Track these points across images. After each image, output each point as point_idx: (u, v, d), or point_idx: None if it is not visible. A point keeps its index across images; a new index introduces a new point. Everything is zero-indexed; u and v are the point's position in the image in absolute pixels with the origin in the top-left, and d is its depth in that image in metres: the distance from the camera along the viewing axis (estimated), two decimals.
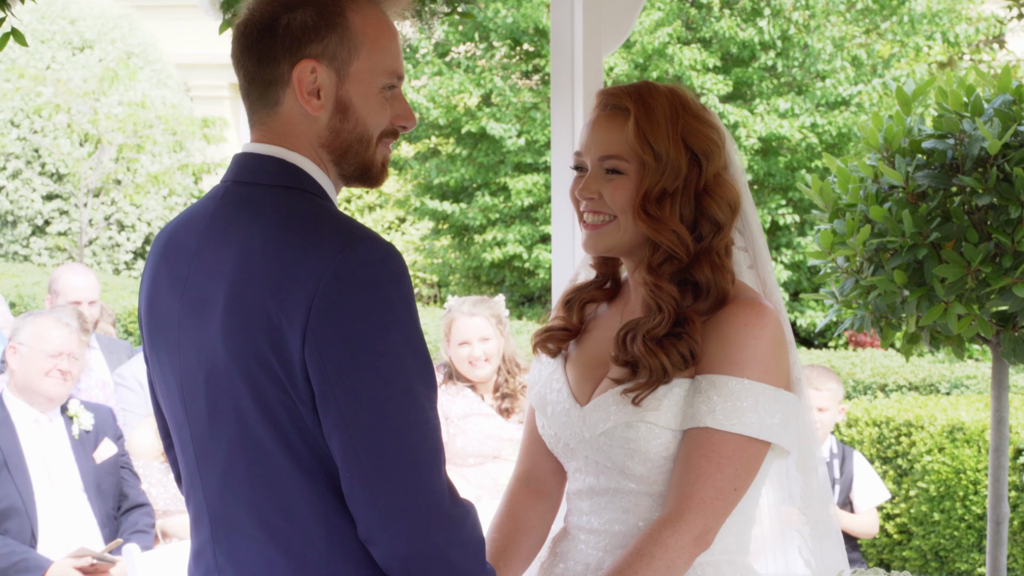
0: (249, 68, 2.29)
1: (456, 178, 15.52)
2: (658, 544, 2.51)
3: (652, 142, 2.59)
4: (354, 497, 2.16)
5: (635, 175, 2.61)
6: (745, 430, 2.55)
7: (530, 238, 15.18)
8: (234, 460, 2.24)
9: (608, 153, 2.63)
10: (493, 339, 5.77)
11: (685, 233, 2.61)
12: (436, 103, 15.31)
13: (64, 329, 5.54)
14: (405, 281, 2.17)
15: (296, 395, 2.17)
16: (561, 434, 2.73)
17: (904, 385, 9.20)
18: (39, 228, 16.83)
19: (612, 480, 2.66)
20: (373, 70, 2.29)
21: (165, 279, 2.35)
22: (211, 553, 2.32)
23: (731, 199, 2.65)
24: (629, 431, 2.60)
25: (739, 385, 2.55)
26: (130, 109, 15.36)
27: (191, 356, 2.28)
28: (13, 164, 16.50)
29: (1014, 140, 3.99)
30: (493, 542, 2.78)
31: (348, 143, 2.30)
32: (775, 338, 2.59)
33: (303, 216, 2.21)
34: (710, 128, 2.65)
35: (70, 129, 15.48)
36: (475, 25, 15.25)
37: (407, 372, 2.16)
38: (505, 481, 5.43)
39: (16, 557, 5.21)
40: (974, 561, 7.66)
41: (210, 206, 2.32)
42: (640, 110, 2.60)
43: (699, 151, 2.62)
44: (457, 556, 2.19)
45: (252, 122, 2.32)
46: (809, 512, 2.80)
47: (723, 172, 2.66)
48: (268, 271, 2.17)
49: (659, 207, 2.59)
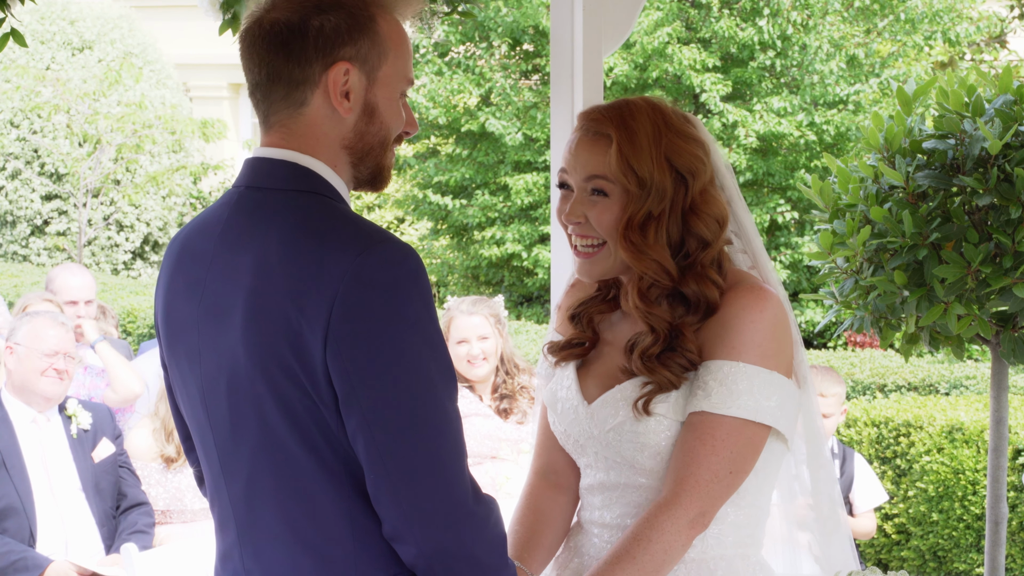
0: (275, 66, 2.29)
1: (456, 178, 15.51)
2: (655, 528, 2.53)
3: (636, 168, 2.57)
4: (379, 497, 2.19)
5: (620, 197, 2.60)
6: (740, 412, 2.55)
7: (529, 237, 15.18)
8: (258, 464, 2.26)
9: (593, 173, 2.62)
10: (492, 338, 5.77)
11: (667, 260, 2.60)
12: (436, 102, 15.31)
13: (60, 329, 5.56)
14: (424, 282, 2.20)
15: (319, 398, 2.19)
16: (570, 431, 2.75)
17: (903, 385, 9.19)
18: (38, 228, 16.83)
19: (622, 475, 2.67)
20: (396, 75, 2.33)
21: (182, 286, 2.36)
22: (238, 556, 2.34)
23: (718, 214, 2.63)
24: (638, 425, 2.61)
25: (734, 369, 2.56)
26: (129, 109, 15.36)
27: (211, 362, 2.30)
28: (12, 164, 16.50)
29: (1015, 140, 3.99)
30: (516, 535, 2.80)
31: (371, 146, 2.33)
32: (775, 322, 2.59)
33: (319, 220, 2.23)
34: (694, 143, 2.63)
35: (69, 129, 15.47)
36: (475, 25, 15.25)
37: (428, 372, 2.18)
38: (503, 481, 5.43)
39: (14, 556, 5.21)
40: (972, 561, 7.66)
41: (224, 212, 2.33)
42: (623, 135, 2.58)
43: (684, 170, 2.60)
44: (481, 552, 2.21)
45: (269, 123, 2.32)
46: (819, 509, 2.81)
47: (709, 186, 2.64)
48: (287, 276, 2.19)
49: (642, 234, 2.59)
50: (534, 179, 15.02)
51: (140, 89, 16.31)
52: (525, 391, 5.82)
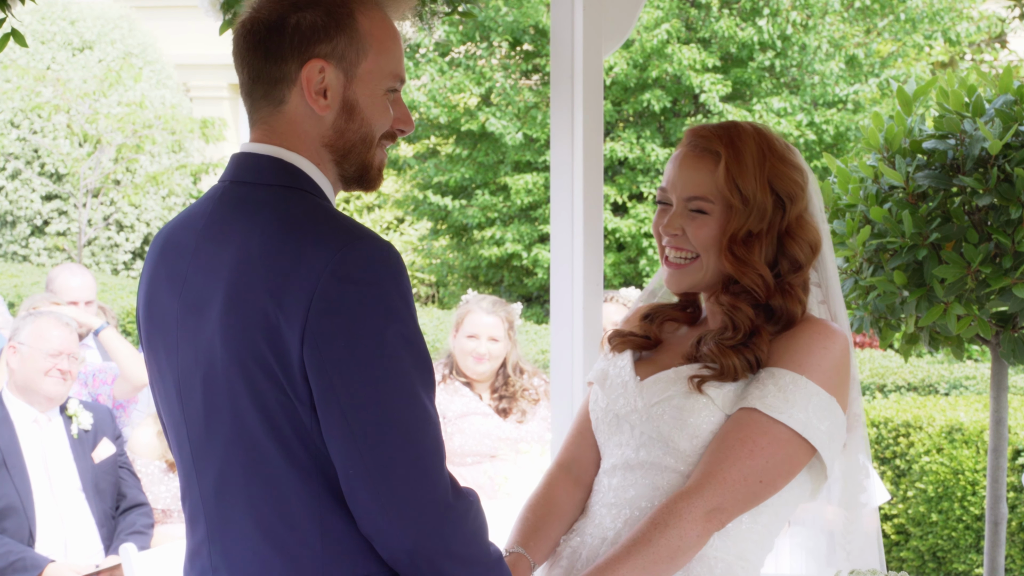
0: (255, 65, 2.30)
1: (456, 178, 15.51)
2: (672, 514, 2.57)
3: (740, 186, 2.67)
4: (356, 494, 2.18)
5: (720, 215, 2.69)
6: (790, 422, 2.59)
7: (529, 237, 15.18)
8: (230, 459, 2.25)
9: (695, 194, 2.71)
10: (501, 342, 5.81)
11: (768, 274, 2.69)
12: (436, 102, 15.31)
13: (64, 329, 5.57)
14: (404, 280, 2.19)
15: (294, 394, 2.18)
16: (613, 406, 2.79)
17: (903, 386, 9.19)
18: (38, 228, 16.82)
19: (652, 454, 2.70)
20: (379, 72, 2.31)
21: (164, 279, 2.35)
22: (207, 553, 2.33)
23: (812, 240, 2.74)
24: (686, 401, 2.66)
25: (796, 380, 2.62)
26: (129, 109, 15.35)
27: (189, 355, 2.29)
28: (12, 164, 16.50)
29: (1015, 140, 3.98)
30: (526, 521, 2.82)
31: (352, 143, 2.32)
32: (842, 357, 2.67)
33: (301, 215, 2.23)
34: (795, 170, 2.73)
35: (69, 129, 15.47)
36: (475, 24, 15.25)
37: (407, 369, 2.18)
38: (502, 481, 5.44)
39: (14, 556, 5.21)
40: (972, 562, 7.66)
41: (208, 206, 2.33)
42: (731, 154, 2.68)
43: (784, 194, 2.70)
44: (460, 545, 2.22)
45: (253, 120, 2.33)
46: (852, 553, 2.83)
47: (804, 213, 2.74)
48: (267, 271, 2.18)
49: (746, 248, 2.68)
50: (534, 179, 15.02)
51: (140, 89, 16.30)
52: (528, 393, 5.82)
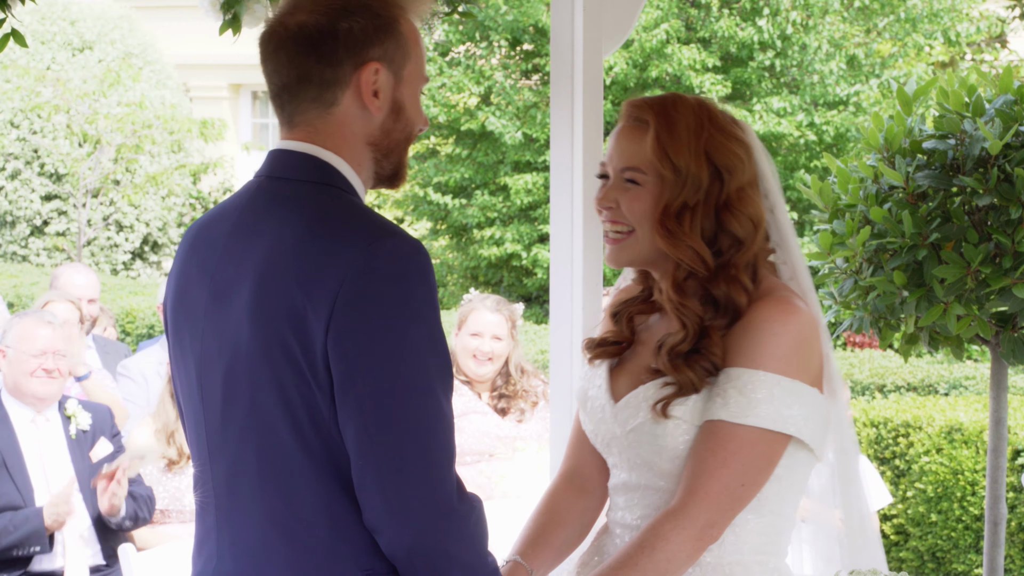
0: (306, 68, 2.35)
1: (455, 177, 15.51)
2: (660, 536, 2.54)
3: (672, 156, 2.61)
4: (364, 485, 2.22)
5: (653, 187, 2.64)
6: (758, 422, 2.55)
7: (528, 237, 15.18)
8: (244, 445, 2.30)
9: (628, 165, 2.66)
10: (504, 341, 5.80)
11: (704, 249, 2.63)
12: (436, 101, 15.31)
13: (47, 328, 5.58)
14: (430, 278, 2.25)
15: (315, 382, 2.23)
16: (598, 430, 2.77)
17: (902, 386, 9.19)
18: (38, 228, 16.82)
19: (643, 477, 2.68)
20: (417, 74, 2.42)
21: (195, 271, 2.41)
22: (215, 539, 2.37)
23: (753, 215, 2.66)
24: (656, 427, 2.62)
25: (753, 377, 2.56)
26: (129, 109, 15.37)
27: (213, 344, 2.34)
28: (12, 164, 16.50)
29: (1015, 140, 3.98)
30: (526, 532, 2.83)
31: (396, 142, 2.41)
32: (801, 336, 2.60)
33: (334, 210, 2.31)
34: (736, 143, 2.66)
35: (69, 129, 15.48)
36: (475, 24, 15.25)
37: (426, 367, 2.22)
38: (499, 480, 5.43)
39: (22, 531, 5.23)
40: (971, 562, 7.66)
41: (242, 200, 2.40)
42: (661, 123, 2.63)
43: (722, 165, 2.63)
44: (459, 549, 2.25)
45: (295, 122, 2.38)
46: (849, 523, 2.81)
47: (748, 188, 2.67)
48: (297, 261, 2.24)
49: (678, 222, 2.62)
50: (534, 179, 15.02)
51: (140, 89, 16.31)
52: (527, 394, 5.82)
